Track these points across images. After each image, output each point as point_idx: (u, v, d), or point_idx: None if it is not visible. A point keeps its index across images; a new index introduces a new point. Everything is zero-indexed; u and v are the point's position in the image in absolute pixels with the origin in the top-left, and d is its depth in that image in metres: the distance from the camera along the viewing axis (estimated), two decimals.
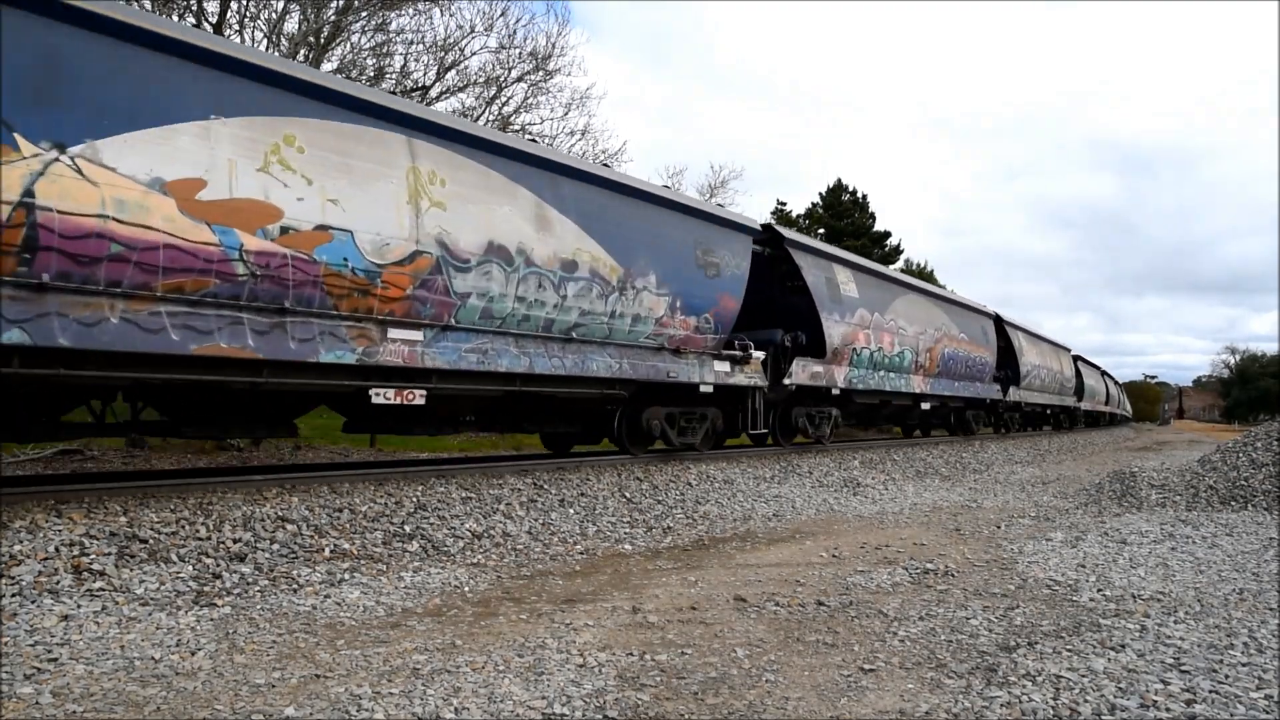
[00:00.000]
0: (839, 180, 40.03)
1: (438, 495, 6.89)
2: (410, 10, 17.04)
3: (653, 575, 5.66)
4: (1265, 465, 9.53)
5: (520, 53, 18.54)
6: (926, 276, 37.79)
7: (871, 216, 38.81)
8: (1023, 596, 4.99)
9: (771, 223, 12.34)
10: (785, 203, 40.20)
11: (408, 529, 6.17)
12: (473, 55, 19.03)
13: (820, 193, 39.83)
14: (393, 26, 17.01)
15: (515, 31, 19.64)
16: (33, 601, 4.13)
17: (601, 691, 3.31)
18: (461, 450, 14.23)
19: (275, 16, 15.47)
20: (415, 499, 6.67)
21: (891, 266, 30.10)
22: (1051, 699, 3.18)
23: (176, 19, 13.16)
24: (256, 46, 14.54)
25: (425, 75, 17.75)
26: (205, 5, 14.67)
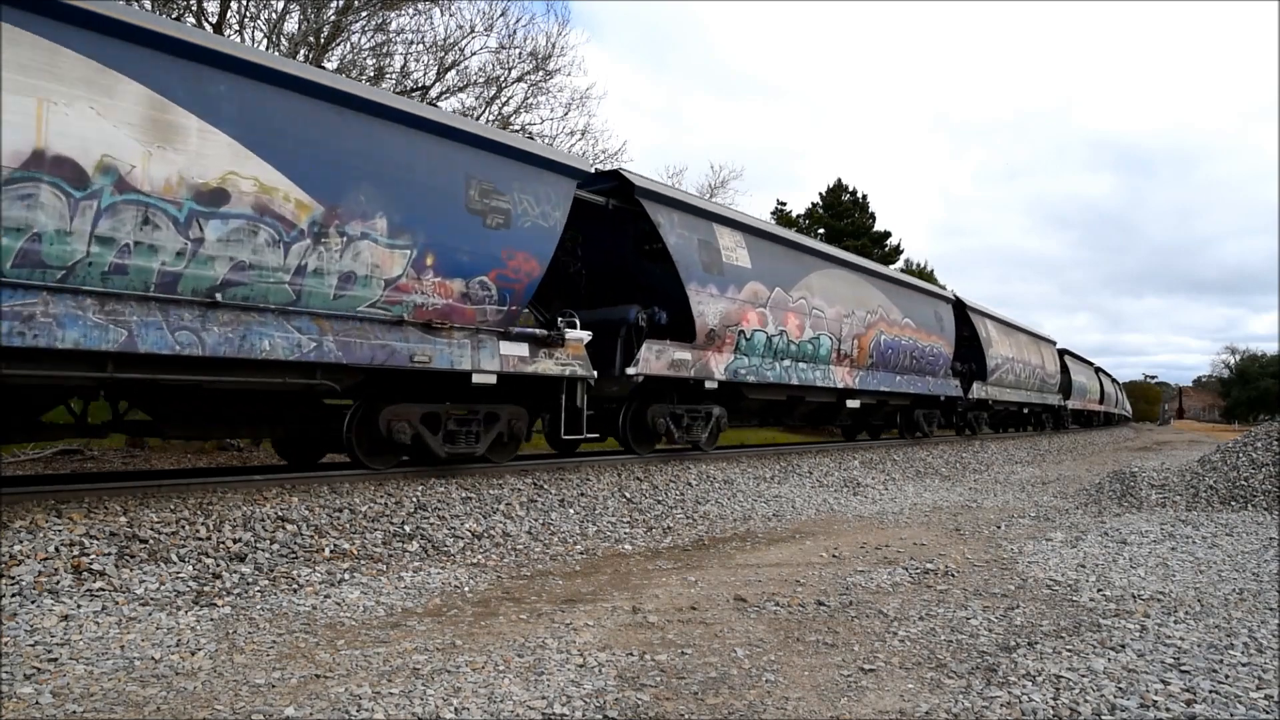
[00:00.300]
0: (839, 180, 40.07)
1: (438, 495, 6.89)
2: (410, 10, 17.05)
3: (653, 575, 5.66)
4: (1265, 465, 9.54)
5: (520, 53, 18.53)
6: (926, 276, 37.70)
7: (871, 216, 38.83)
8: (1023, 596, 4.99)
9: (622, 169, 9.65)
10: (785, 202, 40.33)
11: (408, 529, 6.17)
12: (473, 55, 19.08)
13: (820, 193, 39.87)
14: (393, 26, 17.01)
15: (515, 31, 19.68)
16: (33, 601, 4.13)
17: (601, 691, 3.31)
18: None
19: (275, 16, 15.48)
20: (415, 499, 6.67)
21: (891, 266, 29.04)
22: (1051, 699, 3.18)
23: (176, 19, 13.16)
24: (256, 46, 14.53)
25: (425, 75, 17.75)
26: (205, 5, 14.68)
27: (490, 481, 7.62)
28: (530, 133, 18.56)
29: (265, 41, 15.27)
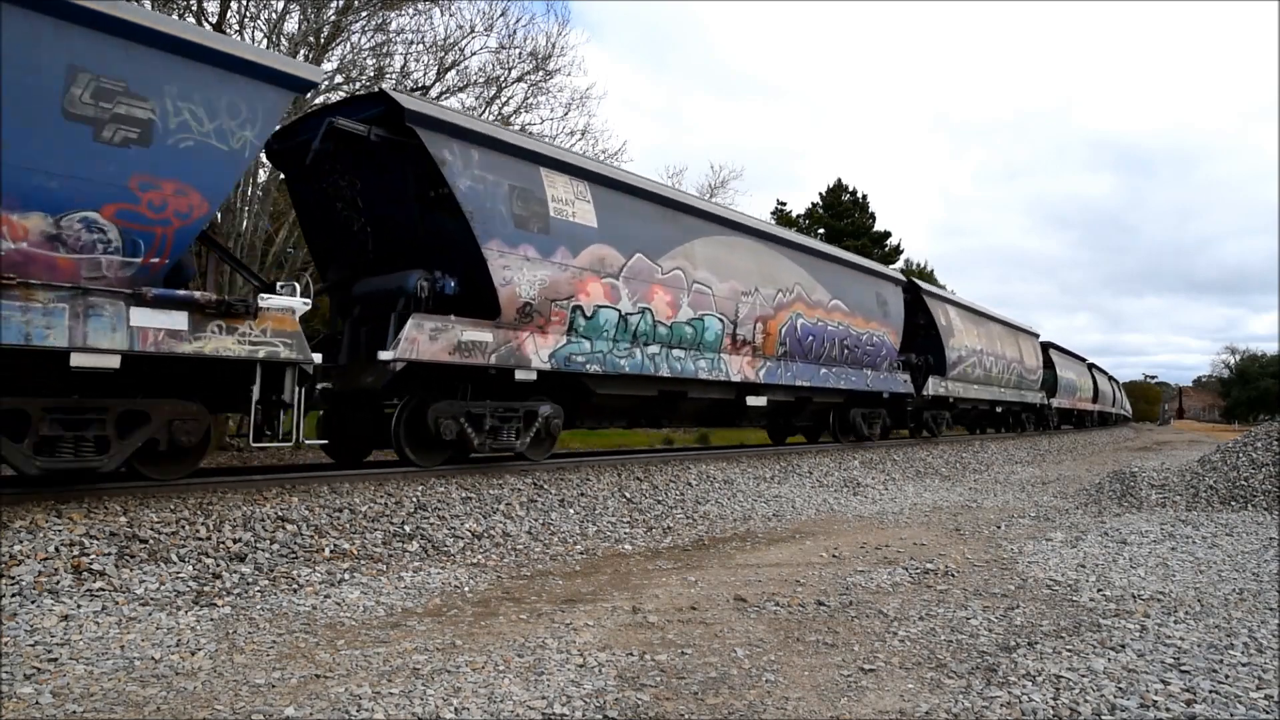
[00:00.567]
0: (839, 180, 40.13)
1: (438, 495, 6.89)
2: (410, 10, 17.05)
3: (653, 575, 5.66)
4: (1265, 465, 9.54)
5: (520, 53, 18.52)
6: (926, 277, 37.68)
7: (871, 216, 38.87)
8: (1023, 596, 4.99)
9: (390, 90, 7.24)
10: (785, 202, 40.30)
11: (408, 529, 6.17)
12: (473, 55, 19.08)
13: (820, 193, 39.94)
14: (393, 26, 17.01)
15: (515, 31, 19.65)
16: (33, 601, 4.13)
17: (601, 691, 3.31)
18: None
19: (275, 16, 15.49)
20: (415, 499, 6.67)
21: (891, 266, 28.24)
22: (1051, 699, 3.18)
23: (176, 18, 13.15)
24: (256, 46, 14.52)
25: (425, 75, 17.75)
26: (205, 5, 14.68)
27: (490, 481, 7.62)
28: (530, 132, 18.53)
29: (265, 41, 15.27)
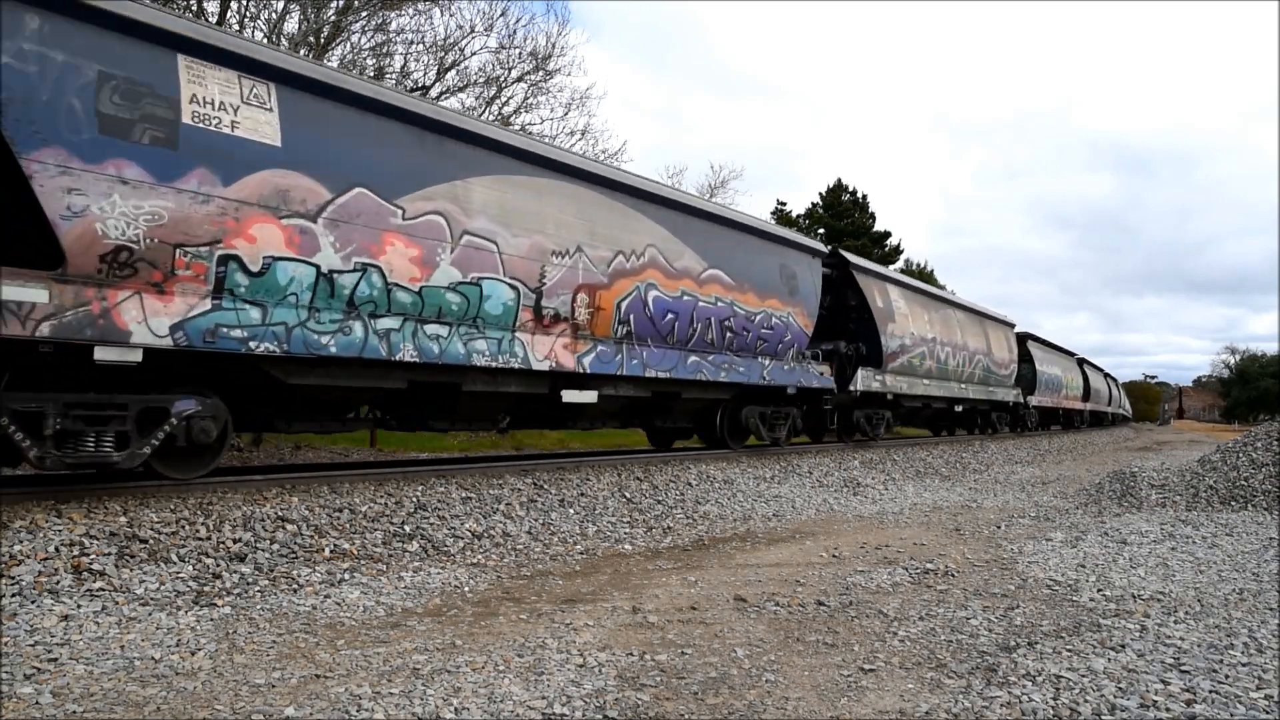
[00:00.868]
0: (839, 180, 40.08)
1: (438, 495, 6.89)
2: (410, 10, 17.06)
3: (653, 575, 5.66)
4: (1265, 465, 9.54)
5: (520, 53, 18.54)
6: (926, 277, 37.65)
7: (871, 216, 38.82)
8: (1023, 596, 4.99)
9: None
10: (785, 202, 40.27)
11: (408, 529, 6.17)
12: (473, 55, 19.08)
13: (820, 193, 39.88)
14: (393, 26, 17.02)
15: (515, 31, 19.68)
16: (33, 601, 4.13)
17: (601, 691, 3.31)
18: (462, 450, 14.23)
19: (275, 16, 15.49)
20: (415, 499, 6.67)
21: (891, 267, 28.00)
22: (1051, 699, 3.18)
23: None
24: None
25: (425, 75, 17.76)
26: (205, 5, 14.68)
27: (490, 481, 7.62)
28: (531, 133, 18.53)
29: (265, 41, 15.27)
